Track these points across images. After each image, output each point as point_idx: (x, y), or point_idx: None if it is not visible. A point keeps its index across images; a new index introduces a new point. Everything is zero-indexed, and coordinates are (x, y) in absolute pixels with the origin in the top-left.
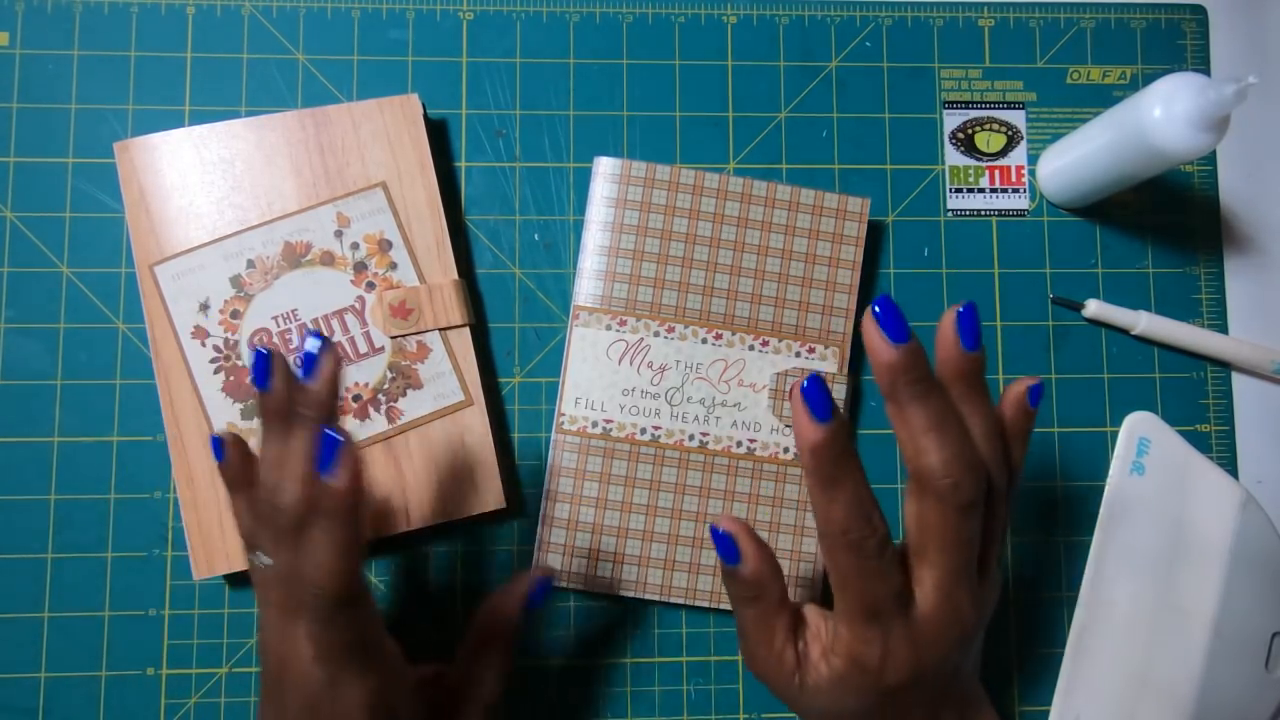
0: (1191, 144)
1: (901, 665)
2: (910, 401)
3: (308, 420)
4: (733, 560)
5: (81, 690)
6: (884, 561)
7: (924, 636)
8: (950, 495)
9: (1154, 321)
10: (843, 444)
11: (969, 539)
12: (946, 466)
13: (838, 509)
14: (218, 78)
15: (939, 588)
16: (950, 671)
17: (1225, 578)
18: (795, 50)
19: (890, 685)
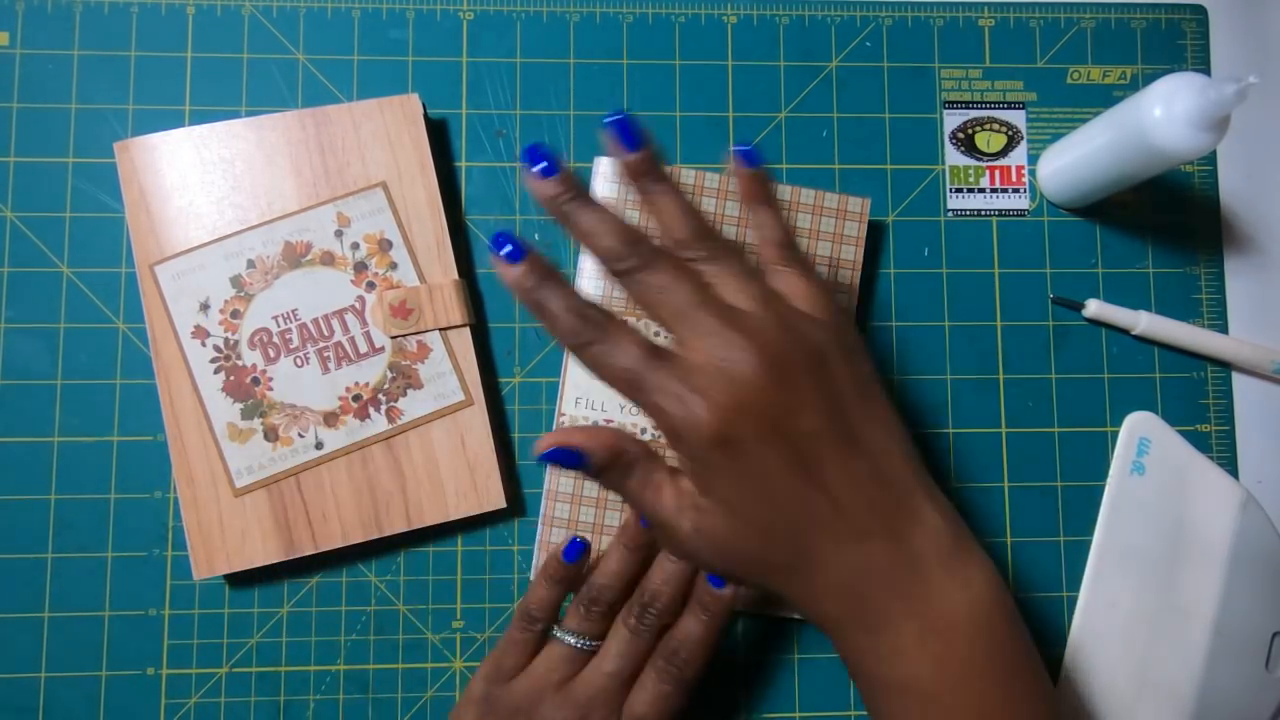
0: (1191, 144)
1: (697, 414)
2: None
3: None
4: (578, 462)
5: (81, 690)
6: (611, 334)
7: (706, 380)
8: (623, 264)
9: (1154, 321)
10: (540, 272)
11: (668, 284)
12: (612, 248)
13: (559, 321)
14: (218, 78)
15: (685, 335)
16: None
17: (1225, 578)
18: (795, 50)
19: (706, 435)
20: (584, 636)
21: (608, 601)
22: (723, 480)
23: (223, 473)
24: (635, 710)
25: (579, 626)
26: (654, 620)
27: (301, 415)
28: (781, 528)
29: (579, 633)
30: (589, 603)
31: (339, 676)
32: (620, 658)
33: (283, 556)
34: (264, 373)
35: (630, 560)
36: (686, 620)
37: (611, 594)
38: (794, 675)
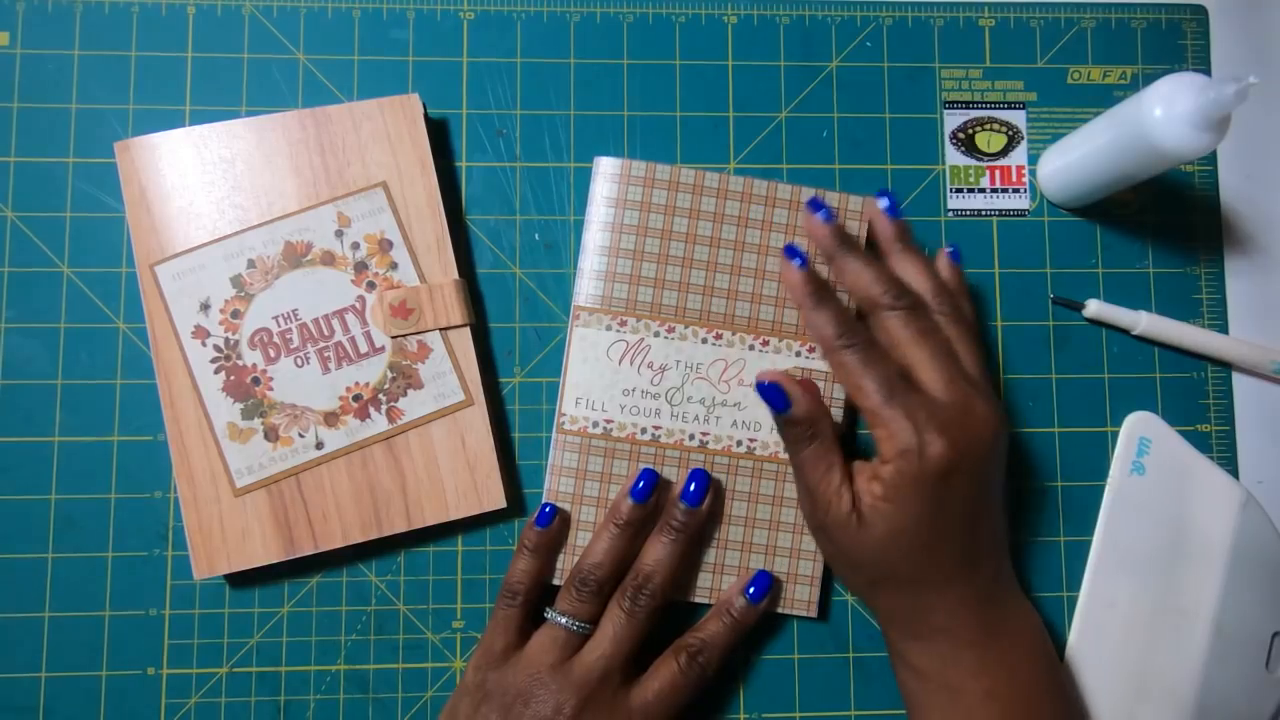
0: (1191, 144)
1: (937, 441)
2: (845, 255)
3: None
4: (783, 406)
5: (81, 690)
6: (876, 349)
7: (949, 415)
8: (894, 302)
9: (1154, 321)
10: (818, 279)
11: (930, 329)
12: (884, 285)
13: (827, 324)
14: (218, 78)
15: (935, 376)
16: (989, 478)
17: (1225, 578)
18: (795, 50)
19: (933, 465)
20: (576, 619)
21: (598, 581)
22: (917, 499)
23: (223, 473)
24: (646, 697)
25: (570, 608)
26: (647, 601)
27: (302, 415)
28: (930, 550)
29: (571, 615)
30: (579, 584)
31: (339, 676)
32: (615, 641)
33: (283, 556)
34: (264, 373)
35: (620, 539)
36: (712, 623)
37: (601, 573)
38: (794, 675)
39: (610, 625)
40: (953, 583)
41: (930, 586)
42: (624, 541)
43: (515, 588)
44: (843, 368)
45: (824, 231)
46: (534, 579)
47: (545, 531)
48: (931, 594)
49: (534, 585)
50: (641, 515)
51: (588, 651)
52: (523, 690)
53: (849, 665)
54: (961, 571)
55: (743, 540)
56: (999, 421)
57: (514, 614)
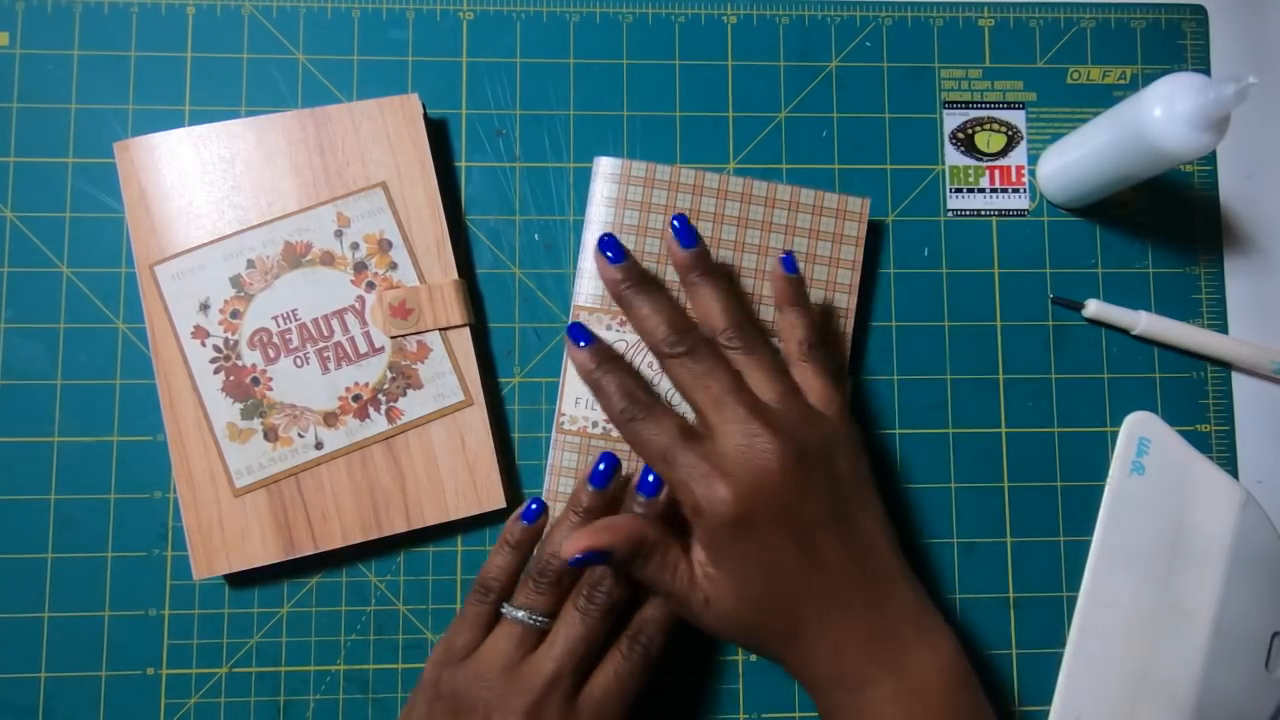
0: (1191, 144)
1: (718, 496)
2: (634, 298)
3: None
4: (606, 559)
5: (81, 690)
6: (654, 415)
7: (730, 466)
8: (672, 349)
9: (1154, 321)
10: (603, 355)
11: (708, 372)
12: (664, 330)
13: (611, 399)
14: (218, 78)
15: (717, 422)
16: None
17: (1225, 578)
18: (795, 50)
19: (722, 517)
20: (534, 611)
21: (556, 571)
22: (733, 554)
23: (223, 473)
24: (594, 695)
25: (528, 601)
26: (603, 600)
27: (301, 415)
28: (781, 599)
29: (529, 608)
30: (537, 574)
31: (339, 676)
32: (569, 640)
33: (283, 556)
34: (264, 373)
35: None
36: (649, 604)
37: (559, 563)
38: None
39: (564, 626)
40: (826, 625)
41: (806, 635)
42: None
43: (490, 584)
44: (631, 440)
45: (610, 273)
46: (510, 576)
47: (530, 527)
48: (810, 642)
49: (509, 583)
50: (601, 502)
51: (540, 653)
52: (472, 692)
53: None
54: (832, 613)
55: None
56: (785, 453)
57: (484, 611)
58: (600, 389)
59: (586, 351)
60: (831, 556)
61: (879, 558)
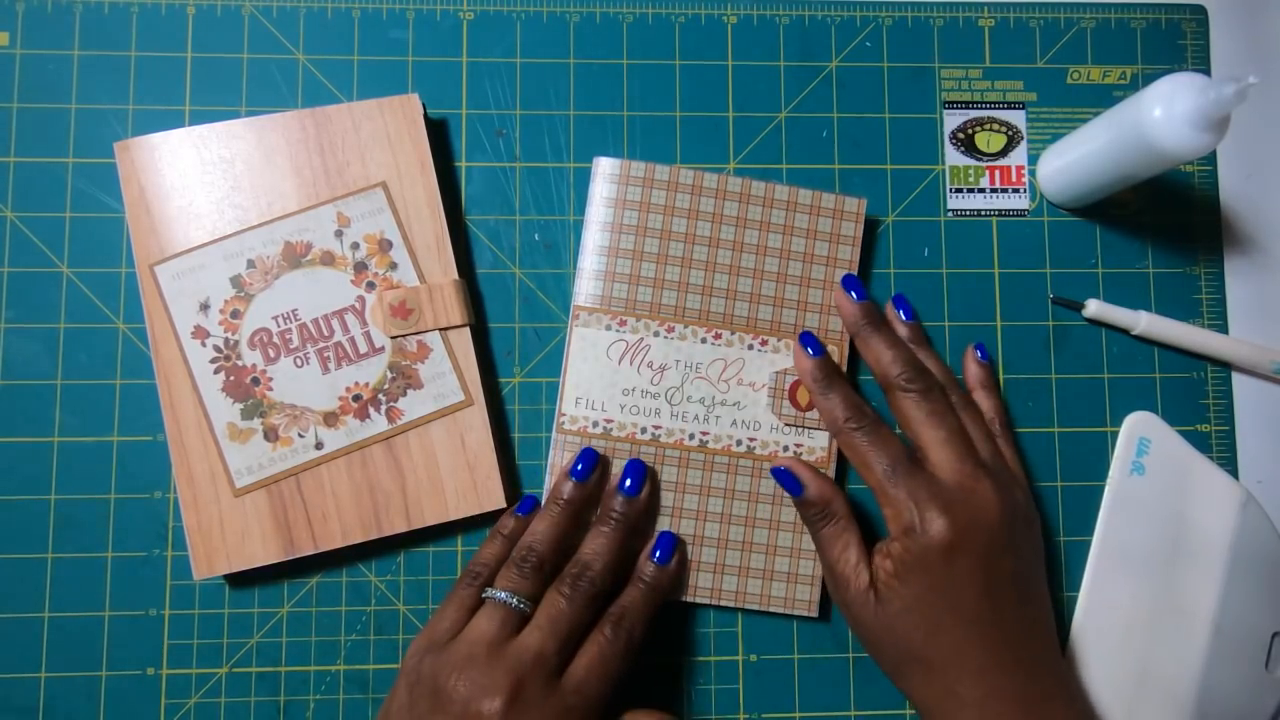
0: (1191, 144)
1: (938, 520)
2: (871, 335)
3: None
4: (797, 489)
5: (81, 690)
6: (883, 431)
7: (951, 496)
8: (909, 385)
9: (1154, 321)
10: (829, 368)
11: (942, 411)
12: (902, 366)
13: (835, 407)
14: (218, 78)
15: (944, 458)
16: (998, 552)
17: (1225, 578)
18: (795, 50)
19: (934, 542)
20: (516, 594)
21: (539, 556)
22: (926, 576)
23: (223, 473)
24: (577, 674)
25: (511, 584)
26: (586, 588)
27: (301, 415)
28: (949, 632)
29: (511, 590)
30: (519, 560)
31: (339, 676)
32: (552, 622)
33: (283, 556)
34: (264, 373)
35: (560, 518)
36: (630, 590)
37: (542, 548)
38: (794, 675)
39: (548, 607)
40: (985, 674)
41: (959, 676)
42: (565, 520)
43: (479, 569)
44: (851, 448)
45: (852, 310)
46: (499, 565)
47: (524, 519)
48: (962, 685)
49: (492, 573)
50: (582, 495)
51: (525, 635)
52: (454, 674)
53: (849, 665)
54: (991, 662)
55: (743, 540)
56: (1005, 507)
57: (469, 594)
58: (825, 398)
59: (815, 361)
60: (1009, 615)
61: (1045, 636)
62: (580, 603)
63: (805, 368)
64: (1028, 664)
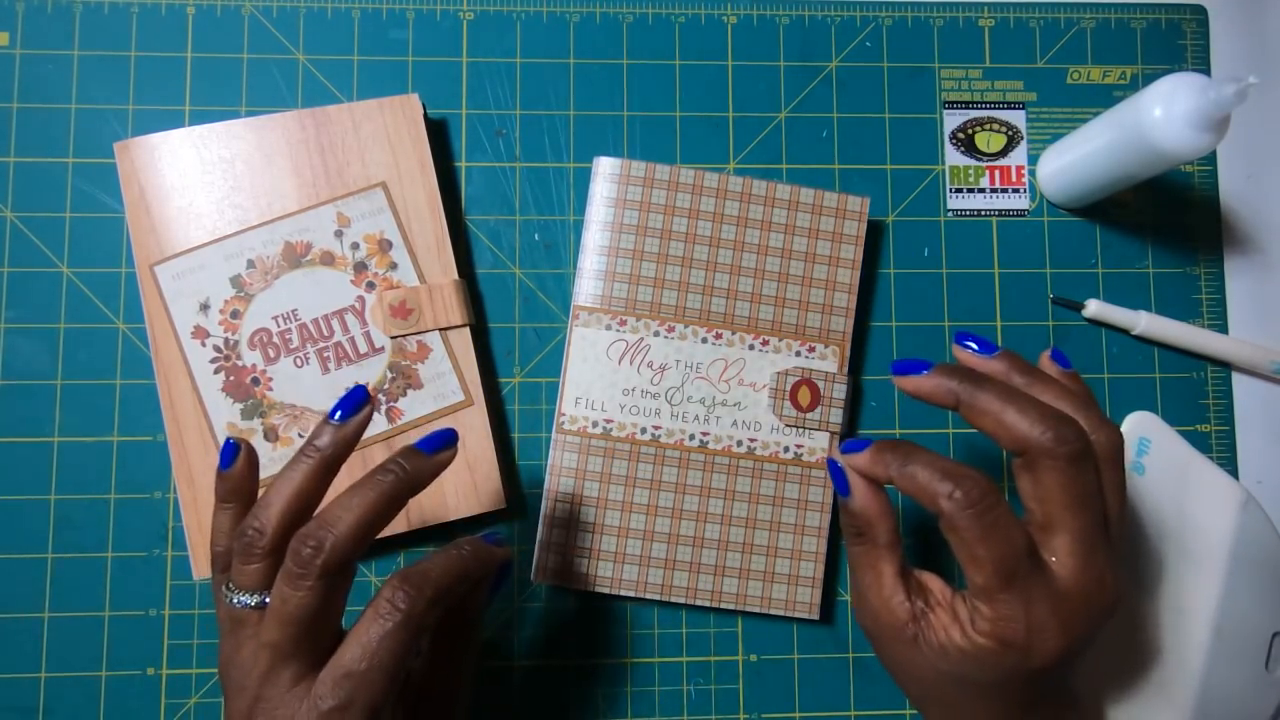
0: (1191, 144)
1: (1049, 641)
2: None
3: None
4: (844, 492)
5: (81, 690)
6: (1002, 514)
7: (1070, 606)
8: (1057, 446)
9: (1154, 321)
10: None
11: (1091, 493)
12: (1043, 425)
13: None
14: (218, 78)
15: (1076, 551)
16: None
17: (1225, 578)
18: (795, 50)
19: (1038, 663)
20: (242, 590)
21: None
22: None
23: None
24: (342, 660)
25: (239, 580)
26: (311, 554)
27: (301, 415)
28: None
29: (243, 587)
30: (243, 544)
31: None
32: (275, 619)
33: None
34: (264, 373)
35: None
36: (427, 557)
37: (271, 530)
38: (794, 675)
39: (273, 600)
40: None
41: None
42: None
43: (214, 550)
44: (957, 531)
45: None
46: (231, 536)
47: (229, 475)
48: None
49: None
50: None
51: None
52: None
53: (849, 665)
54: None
55: (744, 541)
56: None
57: (221, 581)
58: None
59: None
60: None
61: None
62: (312, 583)
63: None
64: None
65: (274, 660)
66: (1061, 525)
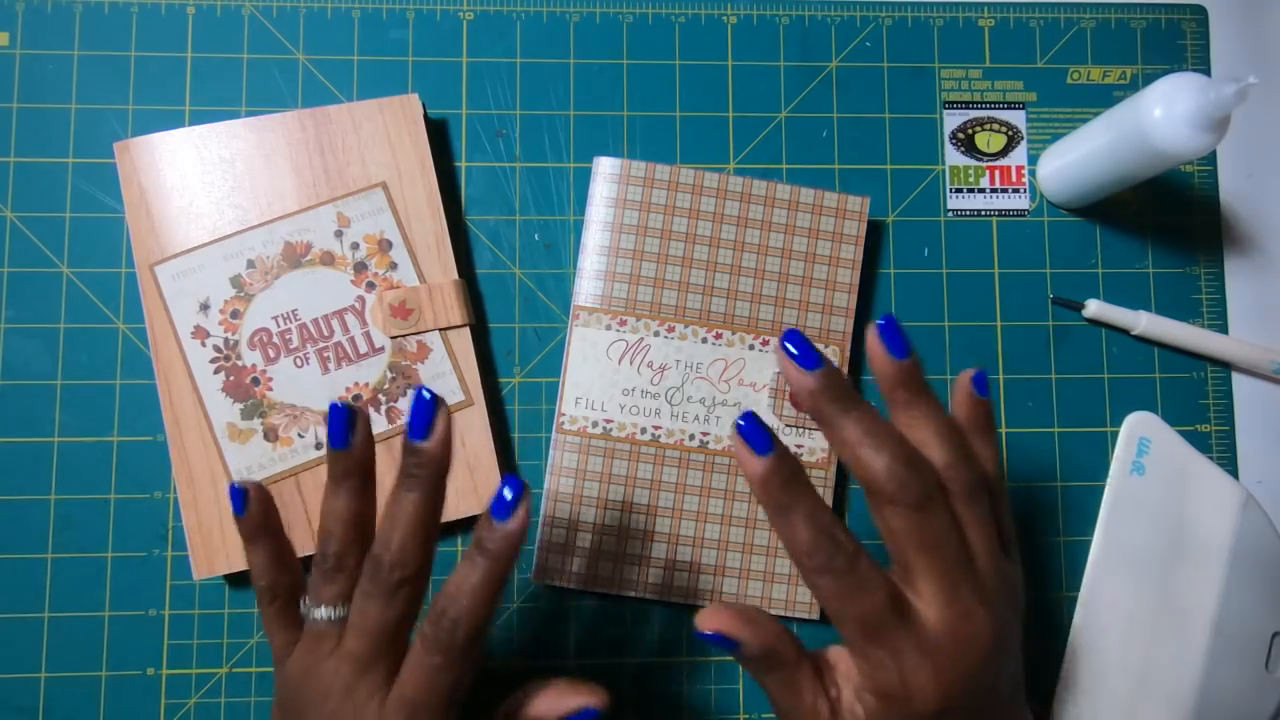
0: (1191, 144)
1: (925, 685)
2: (837, 418)
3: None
4: (733, 648)
5: (81, 690)
6: (860, 573)
7: (940, 649)
8: (900, 495)
9: (1154, 321)
10: (788, 470)
11: (942, 534)
12: (889, 471)
13: (799, 533)
14: (218, 78)
15: (936, 593)
16: (986, 689)
17: (1225, 578)
18: (795, 50)
19: (919, 709)
20: (322, 603)
21: (335, 553)
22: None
23: (223, 473)
24: (404, 692)
25: (316, 594)
26: (388, 576)
27: (301, 415)
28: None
29: (319, 600)
30: (318, 559)
31: None
32: (358, 632)
33: None
34: (264, 373)
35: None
36: (459, 569)
37: (337, 544)
38: None
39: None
40: None
41: None
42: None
43: (257, 586)
44: (816, 591)
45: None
46: (273, 571)
47: (246, 519)
48: None
49: (279, 576)
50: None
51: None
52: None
53: None
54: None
55: (743, 541)
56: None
57: (271, 614)
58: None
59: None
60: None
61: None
62: (383, 596)
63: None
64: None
65: (356, 670)
66: (918, 568)
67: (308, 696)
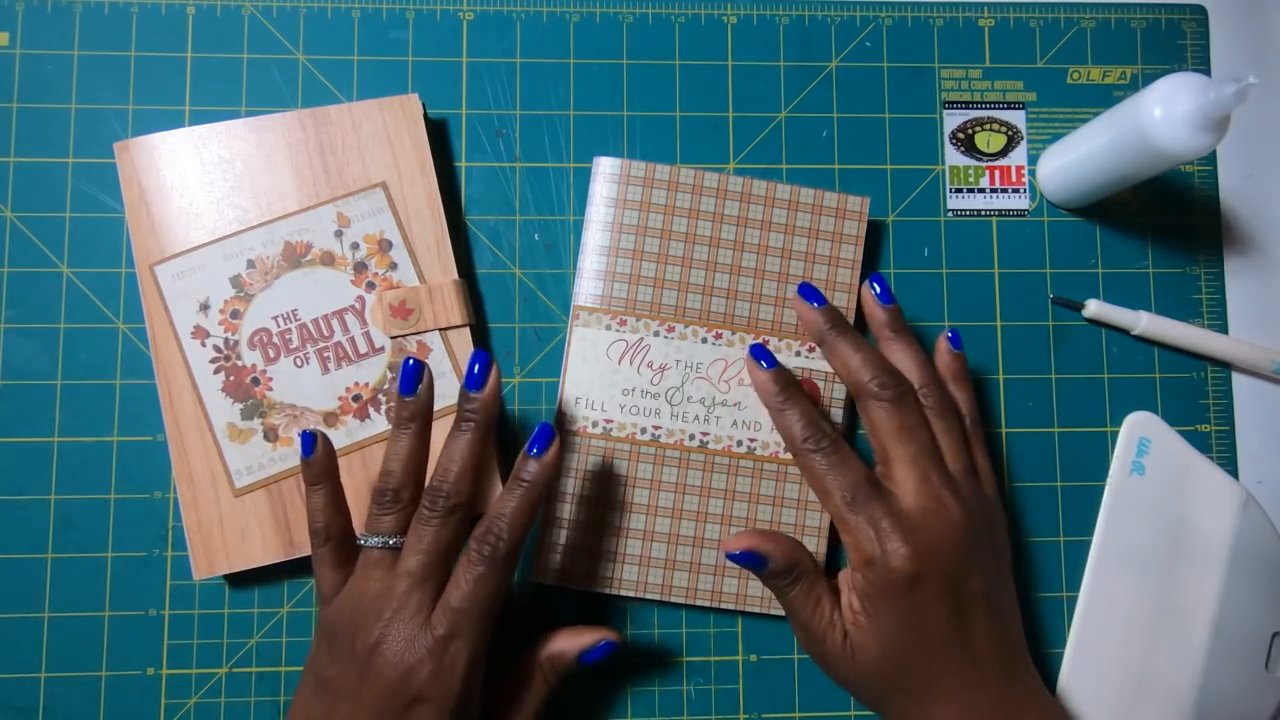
0: (1191, 144)
1: (899, 548)
2: (836, 339)
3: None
4: (760, 565)
5: (81, 690)
6: (843, 453)
7: (913, 523)
8: (880, 392)
9: (1154, 321)
10: (786, 379)
11: (914, 426)
12: (871, 372)
13: (795, 424)
14: (218, 78)
15: (909, 474)
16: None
17: (1225, 578)
18: (795, 50)
19: (897, 574)
20: (379, 534)
21: (394, 489)
22: (892, 609)
23: (223, 473)
24: (450, 601)
25: (374, 525)
26: (445, 503)
27: (301, 415)
28: (923, 660)
29: (376, 531)
30: (377, 494)
31: None
32: (414, 551)
33: (283, 556)
34: (264, 373)
35: (408, 438)
36: (500, 498)
37: (397, 480)
38: (794, 675)
39: (410, 536)
40: (958, 694)
41: (934, 698)
42: (413, 438)
43: (314, 527)
44: (808, 470)
45: (814, 316)
46: (329, 512)
47: (313, 461)
48: (937, 705)
49: (334, 518)
50: (417, 408)
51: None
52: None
53: None
54: (964, 682)
55: None
56: (969, 525)
57: (325, 554)
58: (782, 414)
59: (770, 374)
60: (978, 631)
61: (1014, 640)
62: (439, 522)
63: (760, 381)
64: (999, 678)
65: (410, 584)
66: (893, 454)
67: (363, 614)
